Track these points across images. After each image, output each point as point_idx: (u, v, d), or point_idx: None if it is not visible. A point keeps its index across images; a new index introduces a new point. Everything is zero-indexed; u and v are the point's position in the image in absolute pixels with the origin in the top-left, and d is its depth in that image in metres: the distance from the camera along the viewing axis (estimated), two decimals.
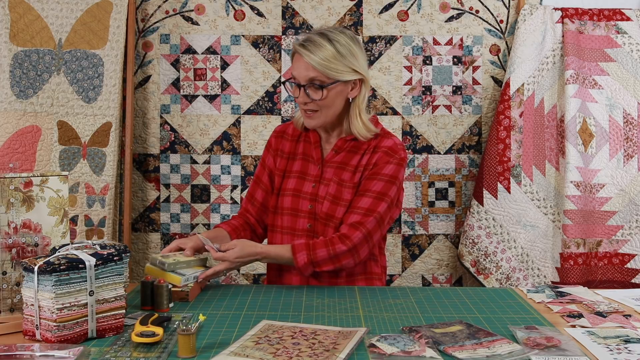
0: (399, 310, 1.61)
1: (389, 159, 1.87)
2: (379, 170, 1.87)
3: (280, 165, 2.00)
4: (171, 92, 2.89)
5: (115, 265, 1.41)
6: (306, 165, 1.97)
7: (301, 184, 1.95)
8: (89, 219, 2.74)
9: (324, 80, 1.81)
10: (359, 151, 1.92)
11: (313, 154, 1.96)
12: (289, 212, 1.94)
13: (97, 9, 2.77)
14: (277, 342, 1.32)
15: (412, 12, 2.87)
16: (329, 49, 1.80)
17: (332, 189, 1.90)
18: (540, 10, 2.80)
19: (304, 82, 1.82)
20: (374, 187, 1.85)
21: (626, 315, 1.55)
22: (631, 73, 2.78)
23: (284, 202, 1.96)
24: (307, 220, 1.91)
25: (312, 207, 1.91)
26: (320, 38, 1.81)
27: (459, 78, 2.88)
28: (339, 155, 1.93)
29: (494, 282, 2.77)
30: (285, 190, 1.96)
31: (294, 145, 2.01)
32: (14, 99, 2.70)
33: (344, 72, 1.82)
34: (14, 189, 1.50)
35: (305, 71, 1.81)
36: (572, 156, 2.72)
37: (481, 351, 1.28)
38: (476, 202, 2.79)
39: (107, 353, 1.28)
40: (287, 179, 1.98)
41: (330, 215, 1.88)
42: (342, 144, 1.93)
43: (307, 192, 1.93)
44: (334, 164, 1.93)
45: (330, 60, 1.79)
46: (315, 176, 1.94)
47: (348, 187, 1.89)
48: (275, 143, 2.04)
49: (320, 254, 1.80)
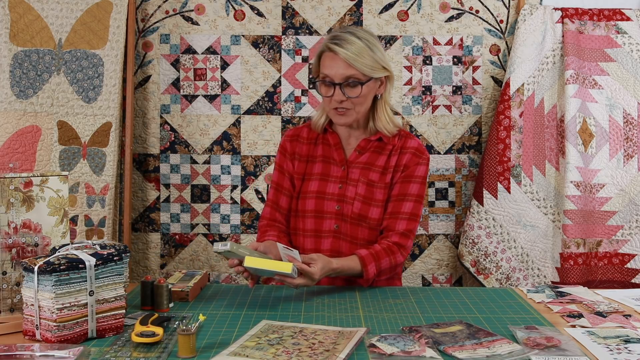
0: (399, 310, 1.61)
1: (419, 160, 1.92)
2: (412, 173, 1.91)
3: (299, 169, 1.99)
4: (171, 92, 2.89)
5: (115, 265, 1.41)
6: (328, 167, 1.96)
7: (324, 185, 1.94)
8: (89, 219, 2.74)
9: (360, 78, 1.82)
10: (383, 151, 1.94)
11: (335, 155, 1.96)
12: (312, 214, 1.94)
13: (97, 9, 2.77)
14: (277, 342, 1.32)
15: (412, 12, 2.87)
16: (361, 45, 1.82)
17: (362, 190, 1.90)
18: (540, 10, 2.80)
19: (340, 80, 1.82)
20: (413, 190, 1.89)
21: (626, 315, 1.55)
22: (631, 73, 2.78)
23: (306, 204, 1.94)
24: (334, 221, 1.92)
25: (339, 208, 1.92)
26: (349, 35, 1.82)
27: (459, 78, 2.88)
28: (363, 155, 1.94)
29: (494, 282, 2.77)
30: (307, 193, 1.95)
31: (312, 147, 2.00)
32: (14, 99, 2.70)
33: (377, 69, 1.85)
34: (14, 189, 1.50)
35: (342, 69, 1.81)
36: (572, 156, 2.72)
37: (481, 351, 1.28)
38: (476, 202, 2.79)
39: (107, 353, 1.28)
40: (308, 182, 1.97)
41: (363, 216, 1.89)
42: (365, 145, 1.94)
43: (332, 193, 1.93)
44: (359, 165, 1.93)
45: (364, 56, 1.81)
46: (341, 177, 1.94)
47: (379, 187, 1.90)
48: (291, 147, 2.02)
49: (384, 264, 1.83)
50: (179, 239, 2.91)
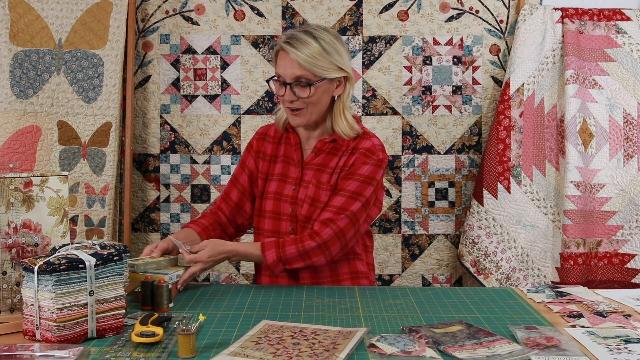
0: (399, 310, 1.61)
1: (366, 160, 1.86)
2: (355, 170, 1.86)
3: (263, 168, 1.99)
4: (171, 92, 2.89)
5: (115, 265, 1.41)
6: (287, 167, 1.96)
7: (282, 186, 1.94)
8: (89, 219, 2.74)
9: (311, 78, 1.80)
10: (337, 153, 1.91)
11: (293, 156, 1.95)
12: (271, 215, 1.94)
13: (97, 9, 2.77)
14: (277, 342, 1.32)
15: (412, 12, 2.87)
16: (315, 46, 1.79)
17: (311, 192, 1.89)
18: (540, 10, 2.80)
19: (290, 79, 1.81)
20: (349, 186, 1.84)
21: (626, 315, 1.55)
22: (631, 73, 2.78)
23: (266, 205, 1.95)
24: (289, 223, 1.91)
25: (293, 211, 1.91)
26: (305, 36, 1.80)
27: (459, 78, 2.88)
28: (318, 157, 1.92)
29: (494, 282, 2.77)
30: (268, 193, 1.96)
31: (276, 147, 2.00)
32: (14, 99, 2.70)
33: (330, 70, 1.81)
34: (14, 189, 1.50)
35: (291, 69, 1.80)
36: (572, 156, 2.72)
37: (481, 351, 1.28)
38: (476, 202, 2.79)
39: (107, 353, 1.28)
40: (270, 182, 1.97)
41: (310, 218, 1.88)
42: (321, 146, 1.92)
43: (287, 195, 1.93)
44: (313, 166, 1.92)
45: (316, 58, 1.78)
46: (296, 179, 1.93)
47: (325, 189, 1.88)
48: (257, 145, 2.03)
49: (289, 251, 1.79)
50: None
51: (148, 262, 1.76)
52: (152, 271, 1.73)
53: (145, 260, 1.77)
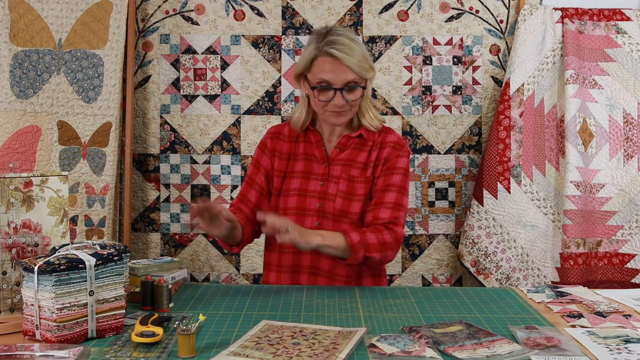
0: (399, 310, 1.61)
1: (399, 153, 1.93)
2: (394, 164, 1.92)
3: (280, 166, 1.99)
4: (171, 92, 2.89)
5: (115, 265, 1.41)
6: (310, 164, 1.97)
7: (307, 183, 1.95)
8: (89, 219, 2.74)
9: (359, 81, 1.84)
10: (364, 148, 1.95)
11: (316, 153, 1.96)
12: (295, 211, 1.94)
13: (97, 9, 2.77)
14: (277, 342, 1.32)
15: (412, 12, 2.87)
16: (359, 50, 1.83)
17: (343, 186, 1.91)
18: (540, 10, 2.80)
19: (341, 85, 1.82)
20: (395, 181, 1.90)
21: (626, 315, 1.55)
22: (631, 73, 2.78)
23: (288, 202, 1.95)
24: (316, 218, 1.92)
25: (321, 206, 1.92)
26: (347, 40, 1.83)
27: (459, 78, 2.88)
28: (344, 152, 1.95)
29: (494, 282, 2.77)
30: (290, 191, 1.96)
31: (293, 145, 2.00)
32: (14, 99, 2.70)
33: (370, 70, 1.87)
34: (14, 189, 1.50)
35: (344, 74, 1.82)
36: (572, 156, 2.72)
37: (481, 351, 1.28)
38: (476, 202, 2.79)
39: (107, 353, 1.28)
40: (290, 179, 1.97)
41: (345, 211, 1.90)
42: (346, 141, 1.95)
43: (314, 190, 1.93)
44: (340, 162, 1.94)
45: (362, 61, 1.83)
46: (323, 175, 1.94)
47: (360, 182, 1.91)
48: (272, 144, 2.02)
49: (370, 238, 1.80)
50: (179, 239, 2.91)
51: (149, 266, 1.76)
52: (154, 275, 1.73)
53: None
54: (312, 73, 1.85)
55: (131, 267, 1.72)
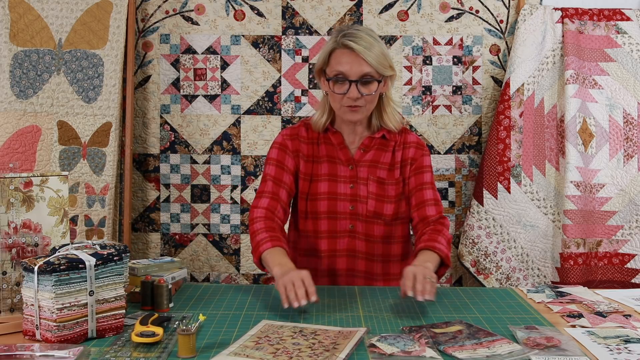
0: (399, 310, 1.61)
1: (423, 152, 1.98)
2: (421, 164, 1.97)
3: (305, 169, 1.95)
4: (171, 92, 2.89)
5: (115, 265, 1.41)
6: (334, 167, 1.95)
7: (334, 186, 1.94)
8: (89, 219, 2.74)
9: (375, 75, 1.83)
10: (387, 148, 1.96)
11: (340, 155, 1.95)
12: (326, 215, 1.92)
13: (97, 9, 2.77)
14: (277, 342, 1.32)
15: (412, 12, 2.87)
16: (378, 46, 1.83)
17: (373, 188, 1.92)
18: (540, 10, 2.80)
19: (357, 77, 1.81)
20: (427, 179, 1.95)
21: (626, 315, 1.55)
22: (631, 73, 2.78)
23: (319, 206, 1.93)
24: (349, 221, 1.92)
25: (353, 208, 1.92)
26: (365, 35, 1.83)
27: (459, 78, 2.88)
28: (367, 153, 1.94)
29: (494, 282, 2.77)
30: (318, 195, 1.93)
31: (314, 148, 1.97)
32: (14, 99, 2.70)
33: (388, 68, 1.86)
34: (14, 189, 1.50)
35: (359, 66, 1.81)
36: (572, 156, 2.72)
37: (481, 351, 1.28)
38: (476, 202, 2.79)
39: (107, 353, 1.28)
40: (317, 183, 1.94)
41: (378, 213, 1.91)
42: (369, 142, 1.94)
43: (344, 193, 1.93)
44: (365, 163, 1.94)
45: (379, 56, 1.83)
46: (350, 177, 1.93)
47: (390, 184, 1.93)
48: (293, 145, 1.96)
49: (441, 241, 1.83)
50: (179, 239, 2.91)
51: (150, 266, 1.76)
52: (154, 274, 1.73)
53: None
54: (330, 66, 1.85)
55: (131, 267, 1.72)
